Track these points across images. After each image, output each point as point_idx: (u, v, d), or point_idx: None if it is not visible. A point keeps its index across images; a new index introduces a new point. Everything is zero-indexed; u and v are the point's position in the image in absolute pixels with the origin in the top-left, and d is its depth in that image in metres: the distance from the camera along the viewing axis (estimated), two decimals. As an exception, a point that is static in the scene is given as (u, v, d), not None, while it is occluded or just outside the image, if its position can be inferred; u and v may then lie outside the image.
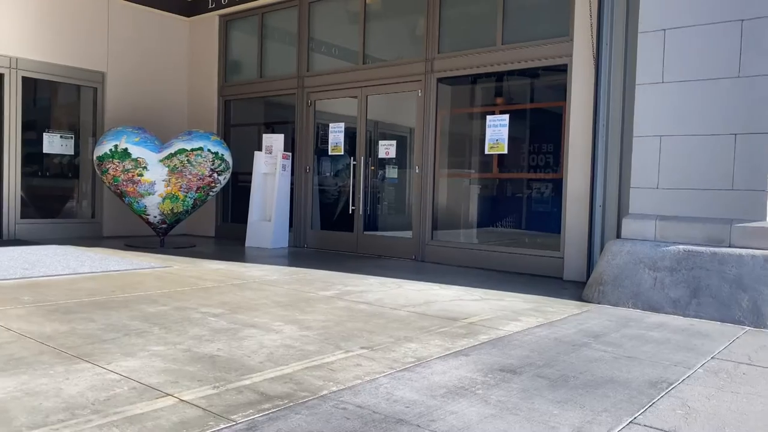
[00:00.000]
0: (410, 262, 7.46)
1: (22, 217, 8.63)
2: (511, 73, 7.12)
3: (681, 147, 5.07)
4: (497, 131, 6.85)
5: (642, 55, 5.27)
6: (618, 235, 5.62)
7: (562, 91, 6.65)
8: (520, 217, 7.43)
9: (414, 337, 3.67)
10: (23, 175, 8.66)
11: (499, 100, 7.54)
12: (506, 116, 6.86)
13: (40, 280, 5.20)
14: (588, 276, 5.72)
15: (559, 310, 4.72)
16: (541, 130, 7.14)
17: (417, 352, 3.32)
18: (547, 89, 7.37)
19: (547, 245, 6.74)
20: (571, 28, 6.39)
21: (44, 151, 8.97)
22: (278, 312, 4.25)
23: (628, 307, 4.87)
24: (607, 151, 5.72)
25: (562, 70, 6.56)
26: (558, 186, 6.76)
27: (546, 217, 7.11)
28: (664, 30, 5.14)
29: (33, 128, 8.90)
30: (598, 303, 5.02)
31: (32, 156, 8.89)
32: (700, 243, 4.84)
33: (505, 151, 6.87)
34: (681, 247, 4.85)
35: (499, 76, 7.30)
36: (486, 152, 7.01)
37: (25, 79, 8.58)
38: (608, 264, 5.15)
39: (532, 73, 7.06)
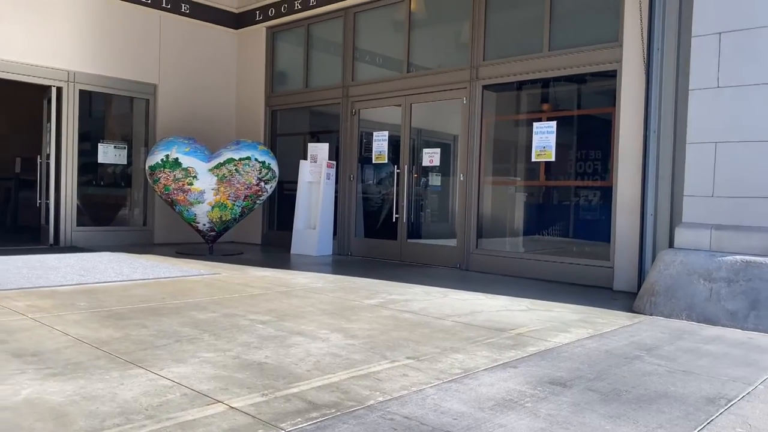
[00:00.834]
0: (455, 271, 7.40)
1: (78, 224, 8.94)
2: (557, 79, 7.02)
3: (737, 153, 4.90)
4: (544, 138, 6.75)
5: (696, 60, 5.12)
6: (670, 245, 5.46)
7: (610, 97, 6.52)
8: (567, 225, 7.30)
9: (460, 347, 3.64)
10: (79, 184, 8.97)
11: (545, 107, 7.44)
12: (553, 123, 6.76)
13: (95, 287, 5.37)
14: (639, 286, 5.57)
15: (610, 321, 4.60)
16: (589, 137, 7.01)
17: (464, 363, 3.29)
18: (595, 95, 7.24)
19: (595, 254, 6.60)
20: (620, 32, 6.27)
21: (99, 161, 9.29)
22: (324, 320, 4.28)
23: (682, 319, 4.72)
24: (659, 158, 5.57)
25: (611, 75, 6.43)
26: (607, 194, 6.61)
27: (594, 225, 6.97)
28: (719, 33, 4.99)
29: (88, 139, 9.23)
30: (650, 314, 4.88)
31: (87, 166, 9.22)
32: (759, 253, 4.66)
33: (553, 159, 6.77)
34: (738, 257, 4.67)
35: (546, 82, 7.21)
36: (533, 160, 6.91)
37: (81, 92, 8.91)
38: (660, 274, 5.00)
39: (579, 79, 6.94)
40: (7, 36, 8.15)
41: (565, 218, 7.31)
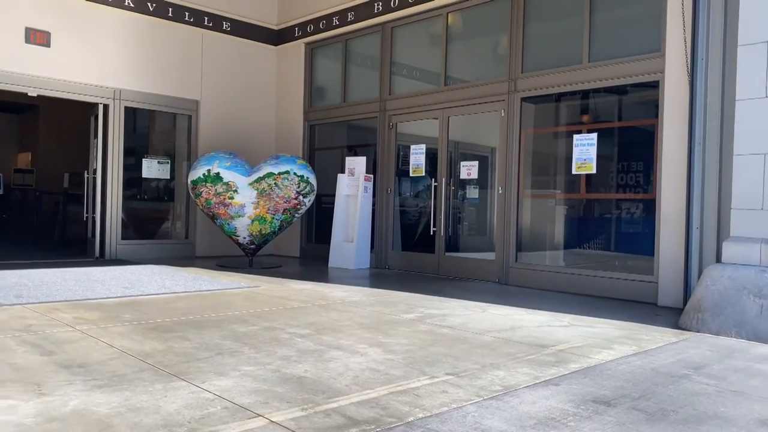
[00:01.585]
0: (493, 285, 7.33)
1: (123, 238, 9.17)
2: (597, 90, 6.92)
3: (788, 165, 4.73)
4: (585, 150, 6.65)
5: (742, 70, 4.99)
6: (718, 259, 5.30)
7: (653, 108, 6.39)
8: (609, 239, 7.17)
9: (500, 364, 3.59)
10: (124, 198, 9.21)
11: (585, 118, 7.34)
12: (594, 135, 6.66)
13: (138, 299, 5.49)
14: (685, 302, 5.41)
15: (655, 338, 4.48)
16: (631, 148, 6.89)
17: (504, 380, 3.24)
18: (637, 105, 7.12)
19: (639, 269, 6.45)
20: (662, 43, 6.15)
21: (143, 176, 9.53)
22: (362, 334, 4.28)
23: (731, 337, 4.56)
24: (704, 170, 5.43)
25: (653, 86, 6.31)
26: (650, 206, 6.47)
27: (637, 239, 6.82)
28: (767, 42, 4.85)
29: (133, 154, 9.49)
30: (697, 331, 4.73)
31: (132, 180, 9.47)
32: (813, 268, 4.48)
33: (594, 171, 6.66)
34: (790, 272, 4.50)
35: (585, 94, 7.12)
36: (573, 172, 6.81)
37: (126, 109, 9.18)
38: (707, 290, 4.85)
39: (620, 90, 6.84)
40: (60, 56, 8.46)
41: (607, 231, 7.18)
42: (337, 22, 9.69)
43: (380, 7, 9.02)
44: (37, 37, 8.32)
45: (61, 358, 3.40)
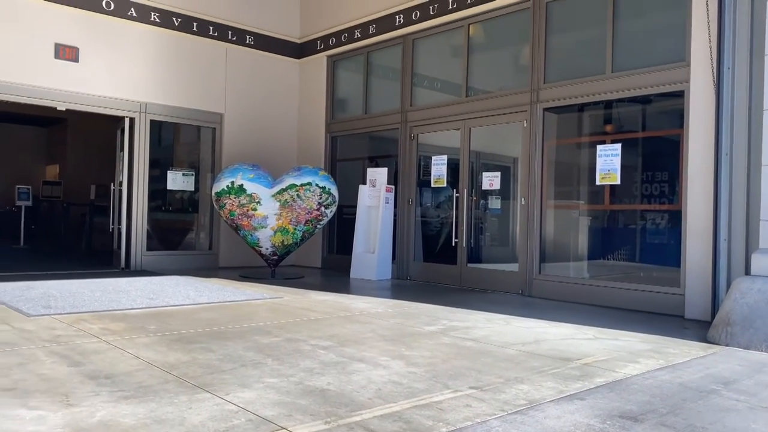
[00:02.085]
0: (517, 297, 7.27)
1: (148, 249, 9.29)
2: (621, 99, 6.86)
3: (819, 175, 4.64)
4: (609, 161, 6.59)
5: (770, 78, 4.91)
6: (746, 272, 5.19)
7: (678, 118, 6.32)
8: (633, 250, 7.07)
9: (525, 377, 3.55)
10: (149, 210, 9.34)
11: (608, 128, 7.28)
12: (618, 145, 6.59)
13: (163, 310, 5.55)
14: (713, 315, 5.31)
15: (682, 351, 4.40)
16: (656, 159, 6.81)
17: (529, 394, 3.21)
18: (662, 115, 7.04)
19: (664, 281, 6.35)
20: (687, 52, 6.09)
21: (168, 188, 9.66)
22: (384, 346, 4.27)
23: (762, 351, 4.46)
24: (732, 180, 5.34)
25: (678, 95, 6.24)
26: (675, 217, 6.38)
27: (662, 250, 6.72)
28: (795, 50, 4.77)
29: (158, 166, 9.63)
30: (726, 345, 4.64)
31: (157, 192, 9.61)
32: None
33: (618, 182, 6.59)
34: (823, 285, 4.39)
35: (609, 104, 7.06)
36: (597, 183, 6.75)
37: (152, 122, 9.32)
38: (736, 303, 4.75)
39: (644, 100, 6.77)
40: (88, 71, 8.64)
41: (631, 242, 7.09)
42: (359, 35, 9.76)
43: (402, 20, 9.07)
44: (66, 52, 8.51)
45: (88, 369, 3.45)
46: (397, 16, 9.13)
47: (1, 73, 7.99)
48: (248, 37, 10.23)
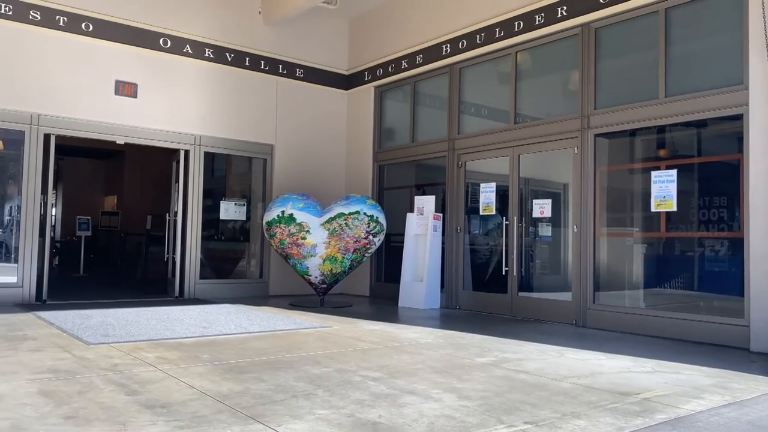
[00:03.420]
0: (570, 328, 7.08)
1: (201, 277, 9.49)
2: (675, 124, 6.69)
3: None
4: (664, 187, 6.41)
5: (835, 100, 4.71)
6: (817, 302, 4.93)
7: (736, 142, 6.12)
8: (691, 278, 6.82)
9: (581, 412, 3.44)
10: (202, 239, 9.57)
11: (663, 153, 7.10)
12: (673, 171, 6.41)
13: (216, 339, 5.64)
14: (781, 348, 5.04)
15: (749, 387, 4.18)
16: (713, 184, 6.58)
17: (586, 430, 3.10)
18: (718, 140, 6.82)
19: (727, 311, 6.09)
20: (745, 74, 5.91)
21: (220, 217, 9.90)
22: (436, 378, 4.21)
23: (837, 387, 4.20)
24: (798, 206, 5.11)
25: (736, 119, 6.05)
26: (736, 244, 6.13)
27: (723, 278, 6.46)
28: None
29: (211, 196, 9.89)
30: (798, 380, 4.39)
31: (210, 222, 9.84)
32: None
33: (674, 209, 6.39)
34: None
35: (662, 128, 6.89)
36: (652, 210, 6.57)
37: (206, 154, 9.61)
38: (807, 335, 4.50)
39: (699, 124, 6.59)
40: (145, 106, 9.01)
41: (689, 271, 6.84)
42: (406, 65, 9.87)
43: (448, 49, 9.13)
44: (126, 88, 8.89)
45: (144, 398, 3.52)
46: (444, 46, 9.20)
47: (67, 109, 8.41)
48: (298, 69, 10.49)
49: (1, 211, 8.33)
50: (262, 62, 10.12)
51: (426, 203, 9.12)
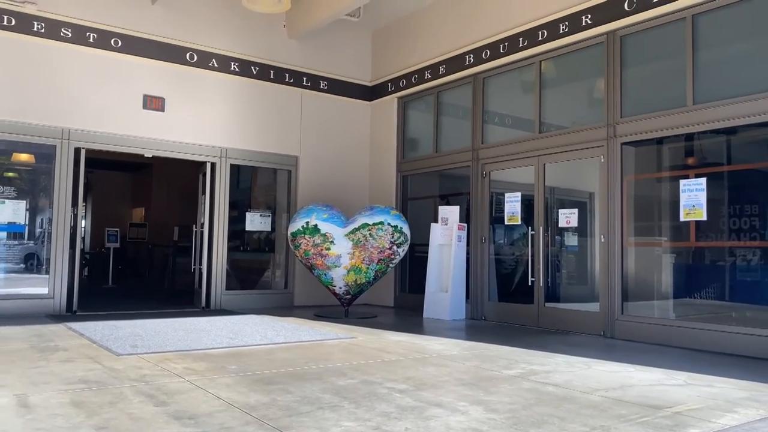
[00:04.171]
0: (598, 339, 6.98)
1: (227, 288, 9.57)
2: (704, 132, 6.58)
3: None
4: (693, 196, 6.30)
5: None
6: None
7: (767, 149, 5.99)
8: (722, 288, 6.68)
9: (611, 426, 3.38)
10: (228, 250, 9.66)
11: (691, 161, 7.00)
12: (703, 180, 6.30)
13: (242, 350, 5.67)
14: (818, 360, 4.91)
15: (786, 401, 4.07)
16: (745, 193, 6.46)
17: (617, 445, 3.05)
18: (749, 147, 6.70)
19: (760, 322, 5.94)
20: (775, 80, 5.80)
21: (246, 229, 9.99)
22: (462, 391, 4.18)
23: None
24: (833, 215, 4.98)
25: (767, 125, 5.94)
26: (770, 254, 5.99)
27: (755, 288, 6.32)
28: None
29: (236, 208, 9.99)
30: (836, 394, 4.26)
31: (236, 233, 9.94)
32: None
33: (704, 218, 6.28)
34: None
35: (690, 136, 6.79)
36: (681, 219, 6.46)
37: (231, 166, 9.71)
38: None
39: (728, 131, 6.48)
40: (172, 119, 9.16)
41: (720, 281, 6.70)
42: (429, 76, 9.89)
43: (472, 59, 9.13)
44: (153, 102, 9.05)
45: (172, 409, 3.55)
46: (467, 56, 9.20)
47: (96, 124, 8.59)
48: (322, 82, 10.57)
49: (33, 223, 8.51)
50: (287, 75, 10.22)
51: (450, 213, 9.09)
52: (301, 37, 10.29)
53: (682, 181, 6.46)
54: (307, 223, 8.39)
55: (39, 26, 8.23)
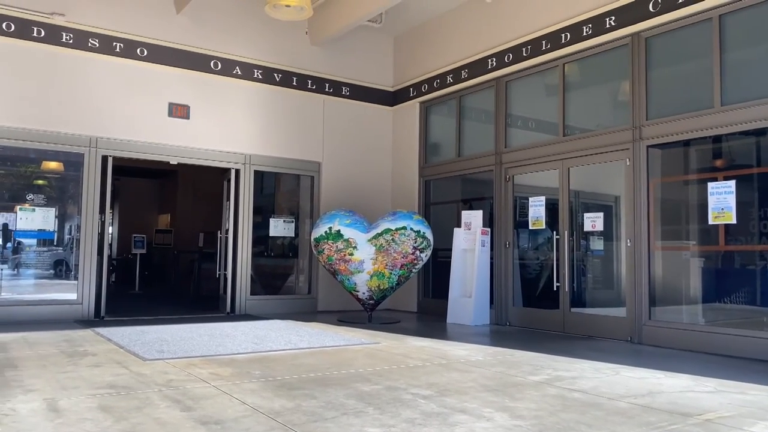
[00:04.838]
0: (625, 345, 6.87)
1: (251, 293, 9.64)
2: (732, 133, 6.46)
3: None
4: (722, 199, 6.19)
5: None
6: None
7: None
8: (753, 293, 6.53)
9: (640, 434, 3.32)
10: (252, 255, 9.73)
11: (719, 164, 6.87)
12: (732, 182, 6.19)
13: (267, 355, 5.70)
14: None
15: (821, 409, 3.96)
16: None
17: (646, 454, 2.99)
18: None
19: (794, 328, 5.80)
20: (806, 80, 5.68)
21: (270, 234, 10.05)
22: (486, 397, 4.15)
23: None
24: None
25: (799, 127, 5.81)
26: (803, 258, 5.85)
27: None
28: None
29: (260, 213, 10.06)
30: None
31: (260, 239, 10.01)
32: None
33: (734, 221, 6.16)
34: None
35: (718, 138, 6.66)
36: (710, 222, 6.34)
37: (255, 172, 9.80)
38: None
39: (758, 132, 6.35)
40: (197, 127, 9.27)
41: (751, 285, 6.55)
42: (451, 80, 9.87)
43: (494, 63, 9.09)
44: (179, 110, 9.18)
45: (198, 414, 3.58)
46: (490, 60, 9.17)
47: (123, 132, 8.74)
48: (344, 88, 10.62)
49: (62, 230, 8.68)
50: (309, 81, 10.29)
51: (473, 218, 9.05)
52: (324, 44, 10.35)
53: (710, 184, 6.35)
54: (330, 228, 8.42)
55: (68, 37, 8.40)
